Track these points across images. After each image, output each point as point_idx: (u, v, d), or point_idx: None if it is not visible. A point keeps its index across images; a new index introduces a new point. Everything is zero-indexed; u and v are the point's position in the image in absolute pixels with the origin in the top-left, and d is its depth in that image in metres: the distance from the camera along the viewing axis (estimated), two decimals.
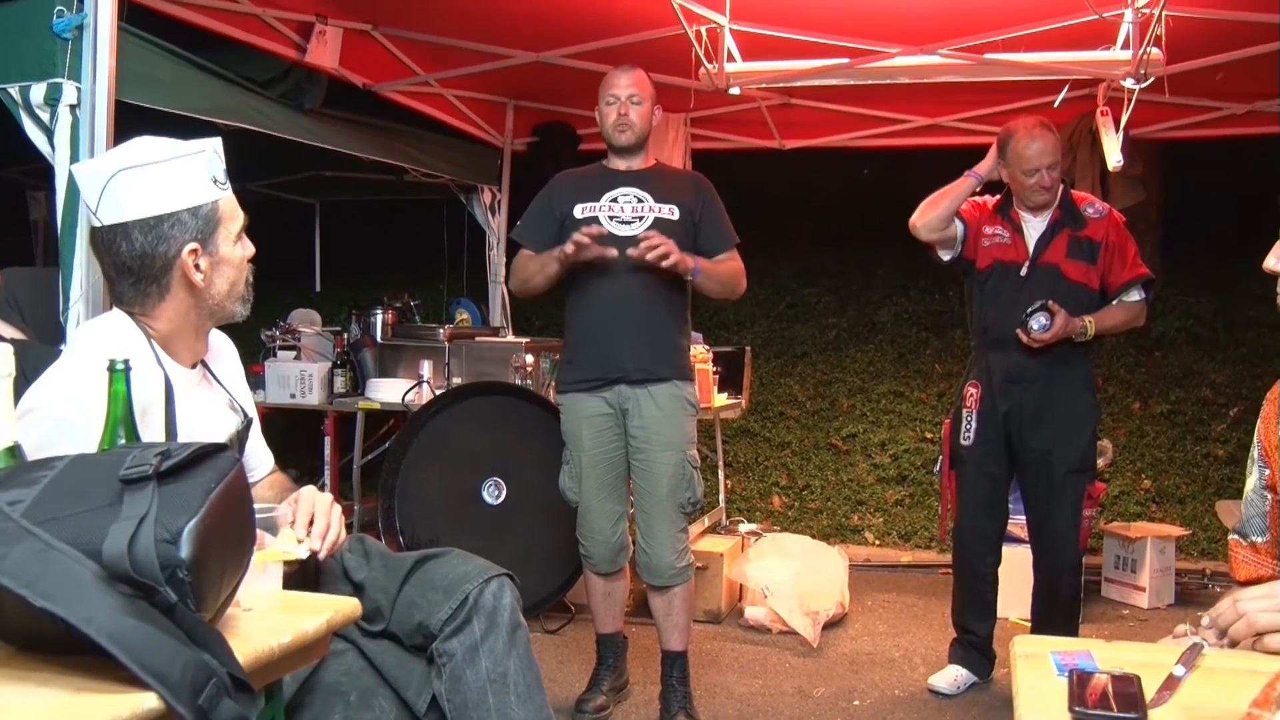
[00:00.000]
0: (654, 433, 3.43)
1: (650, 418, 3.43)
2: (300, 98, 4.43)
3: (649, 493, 3.45)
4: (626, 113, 3.46)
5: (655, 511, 3.45)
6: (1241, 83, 4.78)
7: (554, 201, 3.54)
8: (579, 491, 3.52)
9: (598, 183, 3.52)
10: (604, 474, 3.50)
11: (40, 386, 1.77)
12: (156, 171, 1.85)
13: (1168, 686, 1.30)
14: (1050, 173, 3.62)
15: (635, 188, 3.48)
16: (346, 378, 5.08)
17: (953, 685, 3.87)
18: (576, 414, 3.50)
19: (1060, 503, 3.68)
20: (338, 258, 7.32)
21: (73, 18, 3.09)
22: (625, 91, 3.46)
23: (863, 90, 4.93)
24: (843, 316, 6.98)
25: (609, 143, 3.53)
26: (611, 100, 3.48)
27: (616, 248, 3.34)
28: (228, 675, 1.25)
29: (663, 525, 3.44)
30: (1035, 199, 3.67)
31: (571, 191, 3.53)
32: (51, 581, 1.18)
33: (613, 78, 3.51)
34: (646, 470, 3.45)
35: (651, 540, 3.46)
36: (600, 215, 3.43)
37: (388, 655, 1.98)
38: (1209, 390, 6.28)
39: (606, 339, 3.44)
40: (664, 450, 3.43)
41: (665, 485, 3.43)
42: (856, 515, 6.23)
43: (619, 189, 3.48)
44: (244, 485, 1.40)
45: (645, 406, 3.43)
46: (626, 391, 3.44)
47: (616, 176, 3.52)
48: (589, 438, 3.48)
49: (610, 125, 3.48)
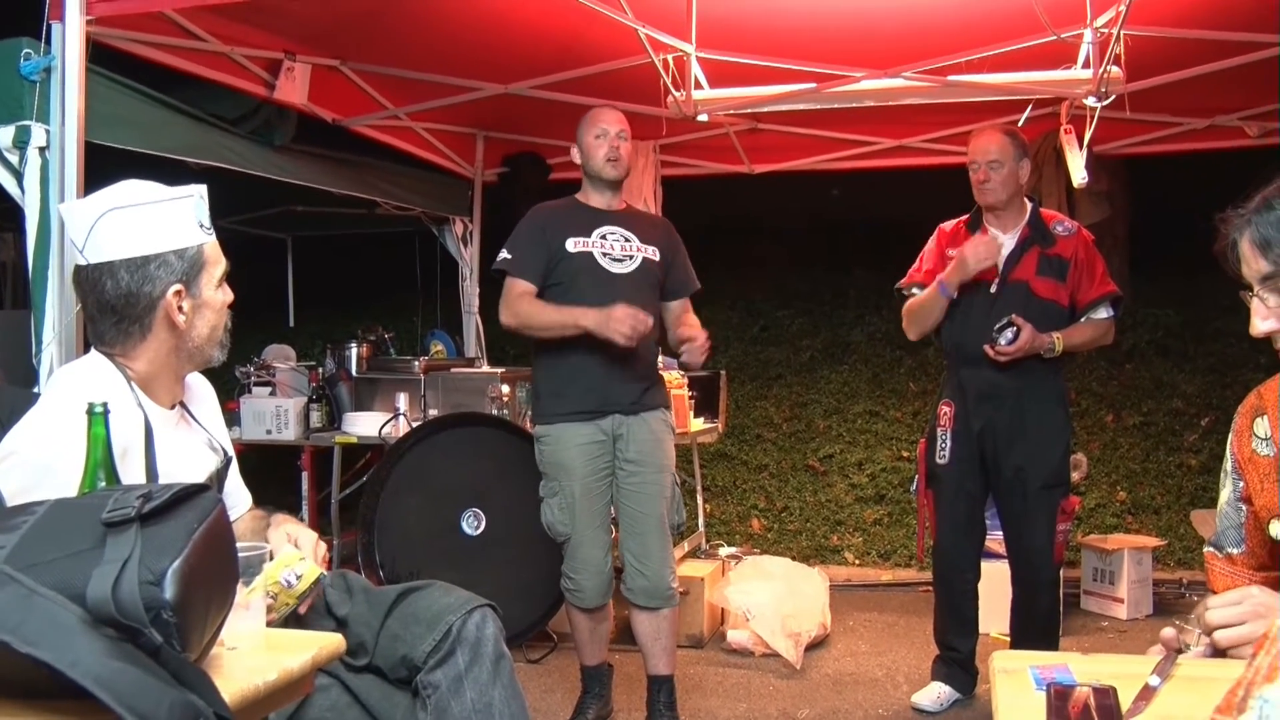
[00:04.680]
0: (649, 456, 3.48)
1: (644, 441, 3.49)
2: (270, 134, 4.44)
3: (645, 515, 3.48)
4: (619, 147, 3.52)
5: (651, 532, 3.48)
6: (1201, 98, 4.87)
7: (546, 233, 3.53)
8: (570, 524, 3.50)
9: (584, 218, 3.55)
10: (595, 503, 3.51)
11: (19, 430, 1.77)
12: (145, 213, 1.87)
13: (1143, 697, 1.32)
14: (992, 170, 3.71)
15: (620, 227, 3.55)
16: (322, 412, 5.07)
17: (936, 702, 3.89)
18: (566, 443, 3.49)
19: (1035, 518, 3.72)
20: (311, 292, 7.31)
21: (40, 60, 3.11)
22: (615, 128, 3.53)
23: (829, 114, 4.98)
24: (816, 338, 7.02)
25: (598, 175, 3.54)
26: (602, 133, 3.52)
27: (612, 285, 3.44)
28: (214, 715, 1.25)
29: (658, 546, 3.49)
30: (977, 196, 3.78)
31: (561, 224, 3.54)
32: (35, 627, 1.18)
33: (601, 114, 3.57)
34: (641, 493, 3.48)
35: (649, 562, 3.47)
36: (594, 251, 3.48)
37: (372, 690, 1.99)
38: (1180, 401, 6.34)
39: (601, 375, 3.46)
40: (659, 472, 3.50)
41: (660, 506, 3.49)
42: (836, 535, 6.25)
43: (605, 226, 3.54)
44: (226, 524, 1.41)
45: (638, 431, 3.48)
46: (620, 419, 3.48)
47: (601, 214, 3.57)
48: (582, 465, 3.47)
49: (601, 158, 3.51)
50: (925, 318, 3.85)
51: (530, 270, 3.49)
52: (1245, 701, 0.50)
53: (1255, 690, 0.50)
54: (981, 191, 3.75)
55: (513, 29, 4.23)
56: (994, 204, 3.75)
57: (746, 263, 7.16)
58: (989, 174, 3.71)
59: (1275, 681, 0.49)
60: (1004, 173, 3.71)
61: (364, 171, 5.25)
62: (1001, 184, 3.71)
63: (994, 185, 3.71)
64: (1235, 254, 1.58)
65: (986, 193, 3.74)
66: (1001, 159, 3.71)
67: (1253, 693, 0.50)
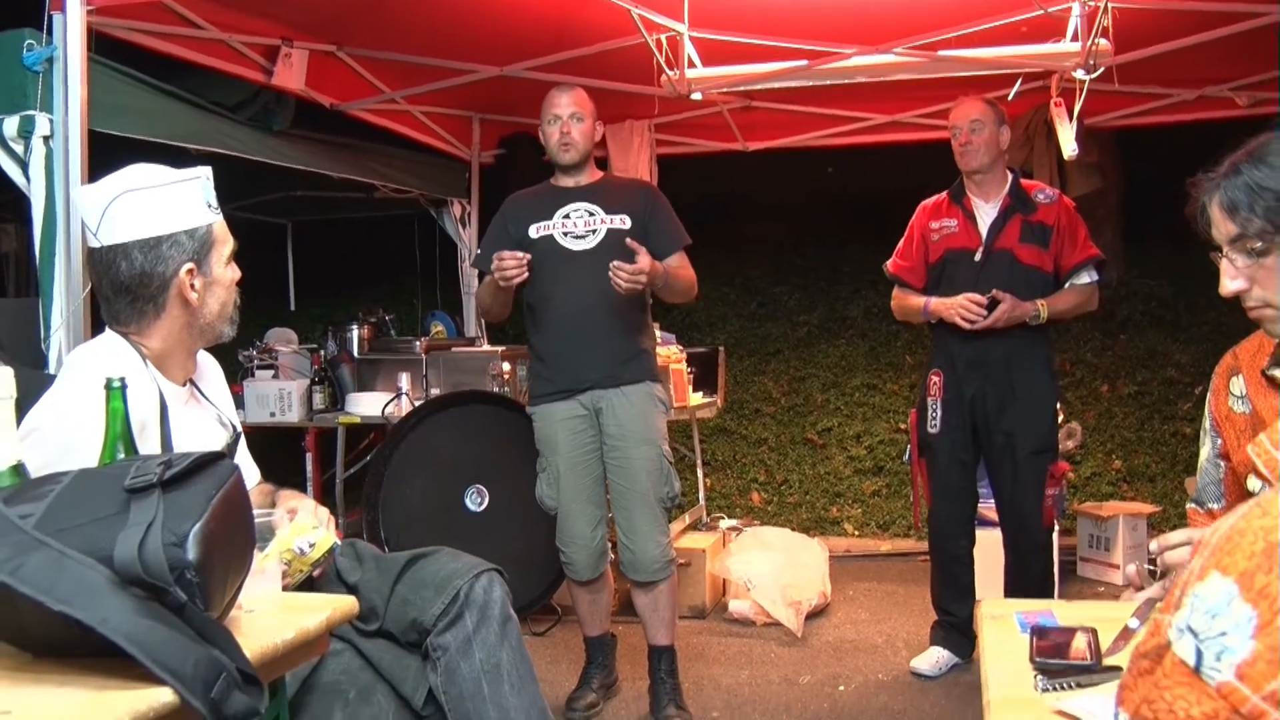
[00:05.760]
0: (629, 429, 3.49)
1: (625, 415, 3.49)
2: (269, 120, 4.48)
3: (628, 489, 3.51)
4: (569, 130, 3.53)
5: (636, 507, 3.50)
6: (1190, 69, 4.90)
7: (509, 225, 3.60)
8: (557, 497, 3.57)
9: (549, 201, 3.58)
10: (581, 477, 3.55)
11: (41, 408, 1.83)
12: (156, 195, 1.93)
13: (1122, 637, 1.39)
14: (973, 132, 3.78)
15: (585, 202, 3.56)
16: (325, 394, 5.13)
17: (935, 667, 3.96)
18: (551, 420, 3.56)
19: (1024, 484, 3.79)
20: (311, 276, 7.35)
21: (42, 51, 3.14)
22: (566, 110, 3.54)
23: (822, 91, 5.03)
24: (813, 313, 7.06)
25: (555, 160, 3.59)
26: (553, 120, 3.55)
27: (573, 262, 3.44)
28: (237, 670, 1.32)
29: (645, 520, 3.50)
30: (960, 162, 3.84)
31: (525, 213, 3.59)
32: (67, 587, 1.25)
33: (553, 98, 3.59)
34: (624, 467, 3.50)
35: (635, 536, 3.51)
36: (555, 233, 3.51)
37: (384, 653, 2.05)
38: (1174, 370, 6.40)
39: (571, 352, 3.50)
40: (640, 445, 3.49)
41: (644, 480, 3.49)
42: (835, 507, 6.32)
43: (570, 205, 3.55)
44: (243, 491, 1.47)
45: (619, 404, 3.50)
46: (599, 394, 3.50)
47: (567, 193, 3.59)
48: (565, 440, 3.53)
49: (555, 144, 3.55)
50: (909, 319, 4.08)
51: (491, 263, 3.49)
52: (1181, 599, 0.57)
53: (1189, 589, 0.57)
54: (964, 155, 3.81)
55: (507, 11, 4.27)
56: (977, 168, 3.80)
57: (743, 240, 7.20)
58: (970, 136, 3.77)
59: (1205, 579, 0.56)
60: (986, 134, 3.77)
61: (362, 155, 5.29)
62: (984, 146, 3.77)
63: (976, 146, 3.77)
64: (1205, 217, 1.65)
65: (969, 155, 3.79)
66: (983, 120, 3.78)
67: (1187, 591, 0.57)
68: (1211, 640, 0.52)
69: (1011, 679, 1.28)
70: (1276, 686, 0.49)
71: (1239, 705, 0.49)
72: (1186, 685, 0.52)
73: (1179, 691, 0.52)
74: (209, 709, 1.26)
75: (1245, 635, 0.51)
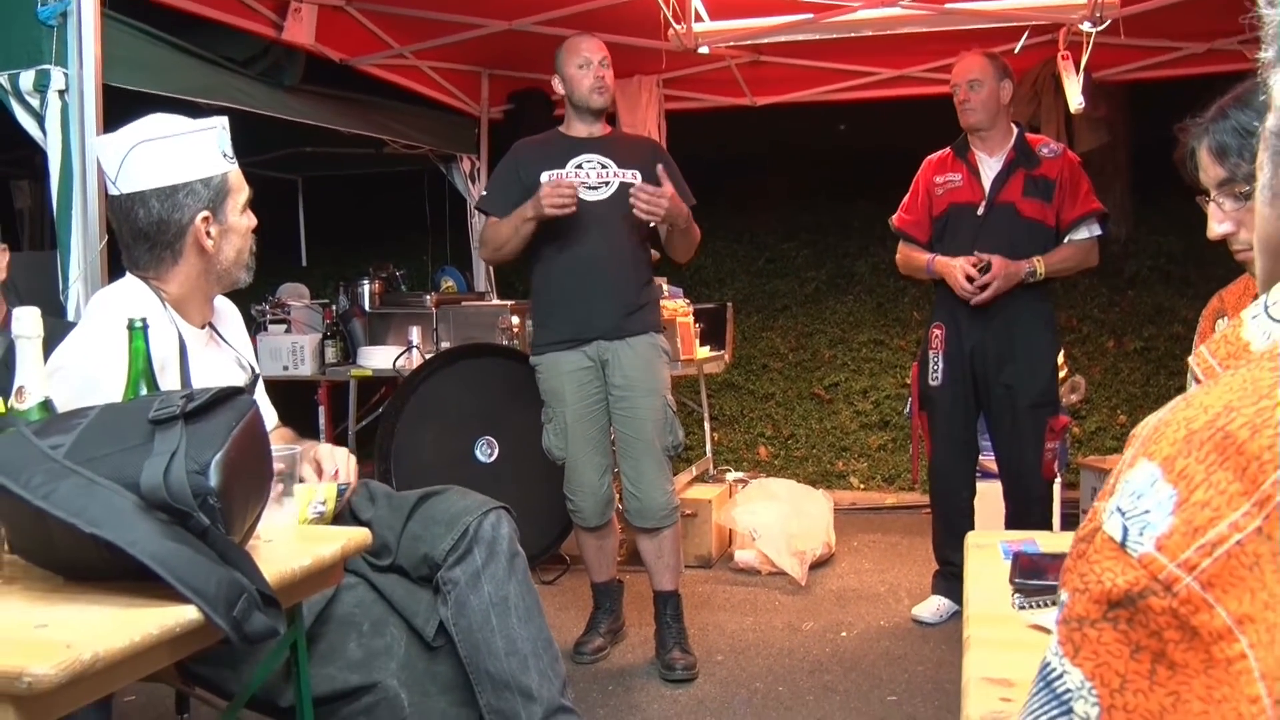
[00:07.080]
0: (636, 380, 3.54)
1: (630, 365, 3.54)
2: (279, 75, 4.51)
3: (635, 438, 3.57)
4: (603, 75, 3.54)
5: (643, 455, 3.56)
6: (1199, 22, 4.89)
7: (519, 169, 3.61)
8: (565, 447, 3.62)
9: (561, 149, 3.59)
10: (588, 427, 3.61)
11: (65, 347, 1.90)
12: (172, 144, 1.99)
13: None
14: (972, 90, 3.81)
15: (598, 154, 3.58)
16: (337, 348, 5.20)
17: (936, 614, 4.04)
18: (557, 370, 3.60)
19: (1024, 436, 3.84)
20: (322, 232, 7.41)
21: (57, 5, 3.18)
22: (597, 55, 3.55)
23: (830, 45, 5.04)
24: (821, 269, 7.10)
25: (584, 105, 3.57)
26: (585, 64, 3.54)
27: (584, 212, 3.45)
28: (257, 592, 1.39)
29: (651, 468, 3.56)
30: (961, 119, 3.88)
31: (536, 158, 3.60)
32: (97, 511, 1.32)
33: (579, 42, 3.59)
34: (630, 416, 3.56)
35: (641, 483, 3.57)
36: None
37: (396, 587, 2.13)
38: (1181, 326, 6.42)
39: (580, 302, 3.53)
40: (647, 395, 3.55)
41: (650, 430, 3.54)
42: (841, 461, 6.40)
43: (583, 155, 3.57)
44: (261, 423, 1.54)
45: (624, 355, 3.54)
46: (605, 344, 3.55)
47: (580, 143, 3.60)
48: (572, 391, 3.58)
49: (587, 88, 3.54)
50: (914, 274, 4.11)
51: (500, 205, 3.56)
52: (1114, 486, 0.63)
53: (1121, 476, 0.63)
54: (964, 112, 3.85)
55: None
56: (976, 124, 3.83)
57: (751, 196, 7.22)
58: (969, 94, 3.81)
59: (1135, 466, 0.62)
60: (984, 92, 3.79)
61: (372, 111, 5.32)
62: (982, 104, 3.79)
63: (974, 105, 3.80)
64: (1194, 162, 1.69)
65: (968, 113, 3.83)
66: (982, 78, 3.80)
67: (1119, 478, 0.63)
68: (1136, 518, 0.58)
69: (991, 598, 1.34)
70: (1189, 555, 0.55)
71: (1157, 573, 0.55)
72: (1113, 559, 0.58)
73: (1106, 564, 0.58)
74: (231, 626, 1.34)
75: (1165, 512, 0.56)
